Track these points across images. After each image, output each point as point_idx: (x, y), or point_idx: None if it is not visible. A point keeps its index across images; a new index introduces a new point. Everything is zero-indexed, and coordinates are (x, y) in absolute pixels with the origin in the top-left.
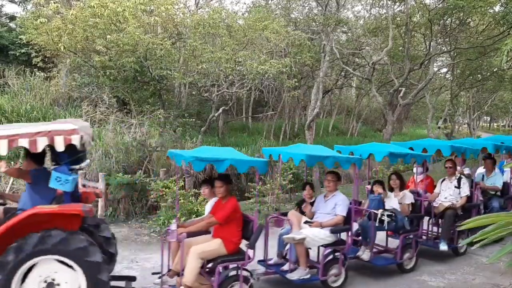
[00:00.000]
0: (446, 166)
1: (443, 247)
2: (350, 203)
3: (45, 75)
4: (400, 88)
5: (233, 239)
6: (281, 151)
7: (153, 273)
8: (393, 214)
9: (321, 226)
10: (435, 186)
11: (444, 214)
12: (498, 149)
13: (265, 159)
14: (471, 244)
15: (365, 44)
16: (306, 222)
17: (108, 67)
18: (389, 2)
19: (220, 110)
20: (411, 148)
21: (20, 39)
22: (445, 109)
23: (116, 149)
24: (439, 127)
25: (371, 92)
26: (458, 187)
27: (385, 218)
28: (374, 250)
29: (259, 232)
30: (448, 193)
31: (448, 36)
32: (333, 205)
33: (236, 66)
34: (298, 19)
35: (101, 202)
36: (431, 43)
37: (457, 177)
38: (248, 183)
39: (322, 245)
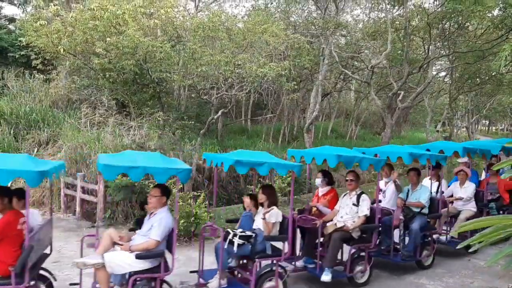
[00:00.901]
0: (346, 178)
1: (326, 277)
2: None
3: (45, 77)
4: (399, 92)
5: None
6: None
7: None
8: (253, 235)
9: (130, 250)
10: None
11: (330, 237)
12: (469, 152)
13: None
14: (467, 247)
15: (364, 48)
16: (115, 244)
17: (107, 69)
18: (388, 6)
19: (219, 113)
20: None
21: (20, 41)
22: (444, 113)
23: (115, 151)
24: (437, 131)
25: (370, 96)
26: (357, 204)
27: (236, 240)
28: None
29: None
30: (345, 211)
31: (446, 40)
32: (149, 226)
33: (236, 69)
34: (297, 23)
35: (99, 205)
36: (430, 47)
37: (357, 193)
38: (247, 186)
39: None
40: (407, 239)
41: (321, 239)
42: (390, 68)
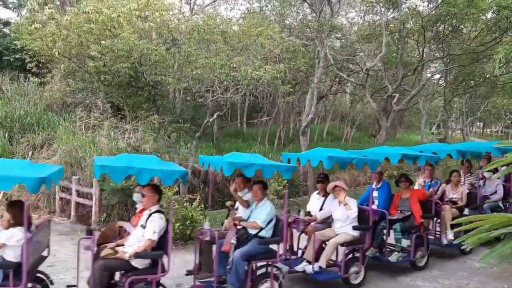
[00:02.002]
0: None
1: None
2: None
3: (39, 80)
4: (393, 94)
5: None
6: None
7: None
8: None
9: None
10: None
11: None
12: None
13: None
14: (463, 252)
15: (359, 50)
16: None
17: (102, 72)
18: (383, 9)
19: (215, 116)
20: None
21: (15, 44)
22: (439, 115)
23: (110, 154)
24: (432, 133)
25: (365, 98)
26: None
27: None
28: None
29: None
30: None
31: (441, 43)
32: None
33: (231, 71)
34: (293, 25)
35: (94, 208)
36: (424, 49)
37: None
38: None
39: None
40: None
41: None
42: (385, 70)
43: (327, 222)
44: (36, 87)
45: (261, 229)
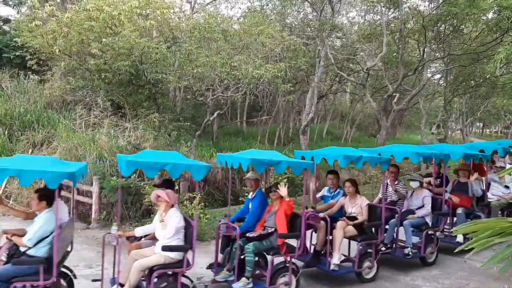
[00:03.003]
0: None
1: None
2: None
3: (40, 78)
4: (394, 94)
5: None
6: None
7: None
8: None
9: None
10: None
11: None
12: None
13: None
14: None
15: (359, 50)
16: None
17: (103, 70)
18: (384, 9)
19: (215, 115)
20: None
21: (15, 41)
22: (439, 115)
23: (110, 152)
24: (432, 133)
25: (365, 98)
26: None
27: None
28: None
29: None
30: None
31: (441, 43)
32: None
33: (231, 70)
34: (293, 24)
35: (94, 206)
36: (425, 49)
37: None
38: (243, 187)
39: None
40: None
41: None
42: (386, 70)
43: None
44: (36, 85)
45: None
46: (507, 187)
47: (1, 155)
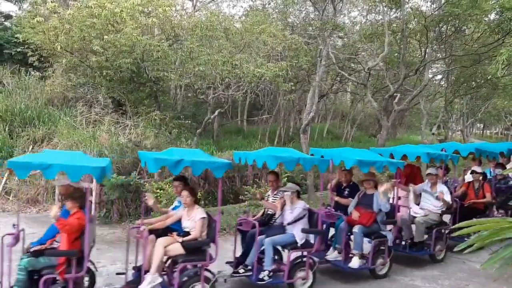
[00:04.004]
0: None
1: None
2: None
3: (41, 74)
4: (395, 94)
5: None
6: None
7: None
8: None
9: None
10: None
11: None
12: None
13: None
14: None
15: (361, 50)
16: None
17: (104, 67)
18: (385, 9)
19: (216, 113)
20: None
21: (16, 38)
22: (439, 116)
23: (110, 150)
24: (433, 134)
25: (366, 98)
26: None
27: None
28: None
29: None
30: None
31: (443, 43)
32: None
33: (233, 69)
34: (295, 23)
35: (94, 203)
36: (427, 50)
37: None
38: (243, 186)
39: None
40: None
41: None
42: (387, 70)
43: None
44: (37, 81)
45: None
46: (438, 198)
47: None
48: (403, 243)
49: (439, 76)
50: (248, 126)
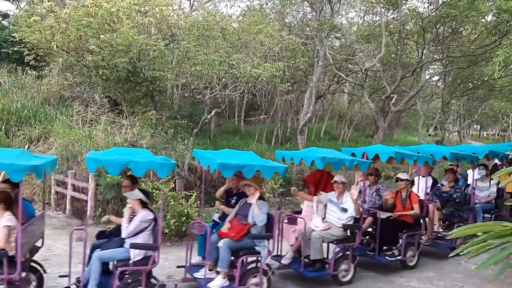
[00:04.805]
0: None
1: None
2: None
3: (37, 73)
4: (392, 95)
5: None
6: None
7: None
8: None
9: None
10: None
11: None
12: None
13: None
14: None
15: (358, 51)
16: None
17: (100, 67)
18: (383, 10)
19: (213, 113)
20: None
21: (13, 37)
22: (436, 117)
23: (107, 149)
24: (429, 135)
25: (363, 98)
26: None
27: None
28: None
29: None
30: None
31: (440, 45)
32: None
33: (230, 69)
34: (292, 24)
35: (90, 203)
36: (424, 51)
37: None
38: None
39: None
40: None
41: None
42: (384, 71)
43: None
44: (34, 80)
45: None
46: (345, 209)
47: None
48: (306, 260)
49: (436, 77)
50: (245, 126)
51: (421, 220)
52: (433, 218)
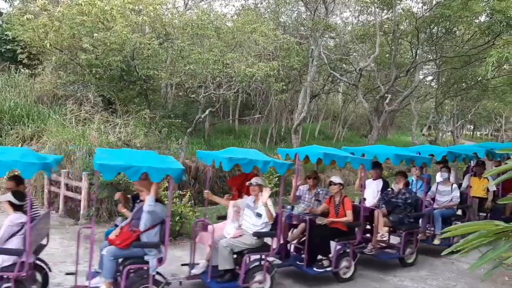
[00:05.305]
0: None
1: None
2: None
3: (30, 72)
4: (386, 95)
5: None
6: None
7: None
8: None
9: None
10: None
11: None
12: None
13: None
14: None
15: (352, 50)
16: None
17: (94, 65)
18: (377, 10)
19: (207, 112)
20: None
21: (6, 35)
22: (430, 117)
23: (100, 148)
24: (423, 134)
25: (357, 98)
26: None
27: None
28: None
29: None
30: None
31: (434, 45)
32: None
33: (224, 68)
34: (287, 23)
35: (83, 202)
36: (418, 51)
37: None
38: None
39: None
40: None
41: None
42: (378, 71)
43: None
44: (27, 79)
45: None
46: (259, 215)
47: None
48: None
49: (430, 77)
50: (240, 126)
51: (356, 228)
52: (377, 226)
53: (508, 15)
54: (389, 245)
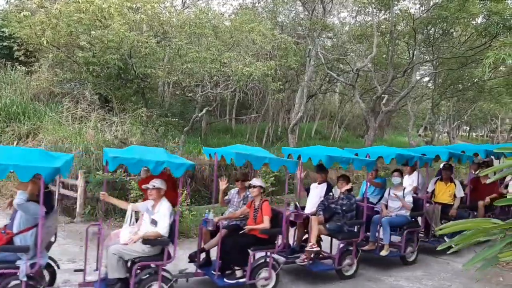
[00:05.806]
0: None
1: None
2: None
3: (27, 69)
4: (383, 95)
5: None
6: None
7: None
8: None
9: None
10: None
11: None
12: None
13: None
14: (447, 249)
15: (349, 51)
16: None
17: (91, 63)
18: (375, 10)
19: (204, 111)
20: None
21: (3, 32)
22: (426, 117)
23: (96, 146)
24: (419, 135)
25: (354, 98)
26: None
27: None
28: None
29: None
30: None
31: (431, 46)
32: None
33: (221, 67)
34: (285, 23)
35: (79, 200)
36: (415, 51)
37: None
38: (230, 185)
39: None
40: None
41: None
42: (375, 71)
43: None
44: (23, 76)
45: None
46: (154, 222)
47: None
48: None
49: (427, 78)
50: (237, 125)
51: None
52: (310, 234)
53: (505, 17)
54: (326, 256)
